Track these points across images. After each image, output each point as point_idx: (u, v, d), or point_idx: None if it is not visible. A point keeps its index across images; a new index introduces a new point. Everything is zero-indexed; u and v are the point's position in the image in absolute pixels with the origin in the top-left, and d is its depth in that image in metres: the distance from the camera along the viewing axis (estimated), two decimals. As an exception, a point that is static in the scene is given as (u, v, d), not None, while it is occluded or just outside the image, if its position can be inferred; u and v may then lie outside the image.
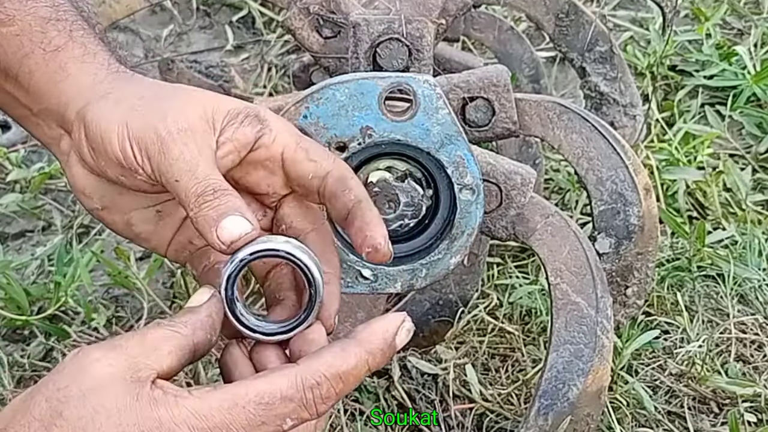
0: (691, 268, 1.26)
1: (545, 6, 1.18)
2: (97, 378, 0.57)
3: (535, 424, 0.87)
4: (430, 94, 0.78)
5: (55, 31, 0.74)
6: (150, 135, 0.67)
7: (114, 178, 0.70)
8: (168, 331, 0.61)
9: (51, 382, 0.58)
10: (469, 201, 0.81)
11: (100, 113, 0.69)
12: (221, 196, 0.65)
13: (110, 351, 0.59)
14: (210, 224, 0.64)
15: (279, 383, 0.59)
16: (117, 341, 0.60)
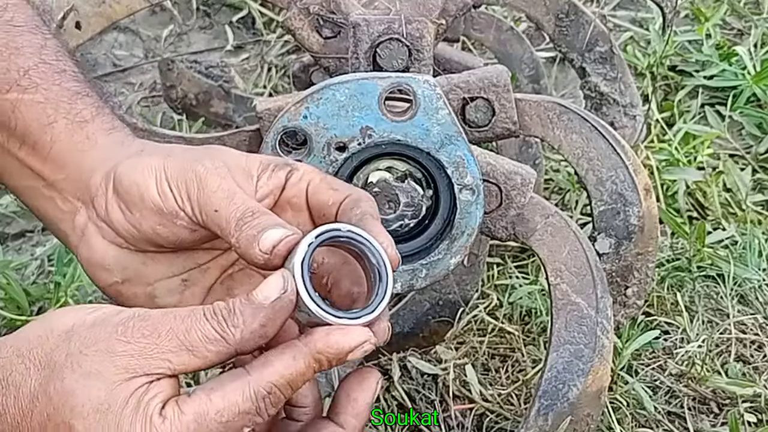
0: (691, 269, 1.26)
1: (545, 6, 1.18)
2: (109, 365, 0.59)
3: (535, 424, 0.87)
4: (430, 94, 0.78)
5: (83, 105, 0.76)
6: (189, 174, 0.68)
7: (149, 232, 0.69)
8: (216, 334, 0.61)
9: (83, 336, 0.61)
10: (469, 201, 0.81)
11: (133, 165, 0.70)
12: (260, 215, 0.66)
13: (145, 337, 0.60)
14: (251, 241, 0.64)
15: (235, 398, 0.60)
16: (162, 325, 0.61)
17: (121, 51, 1.90)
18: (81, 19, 1.07)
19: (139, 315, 0.62)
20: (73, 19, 1.06)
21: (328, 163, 0.80)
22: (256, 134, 0.92)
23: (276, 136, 0.79)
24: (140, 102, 1.76)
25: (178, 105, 1.59)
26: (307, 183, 0.71)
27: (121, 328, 0.61)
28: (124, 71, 1.85)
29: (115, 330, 0.61)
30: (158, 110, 1.72)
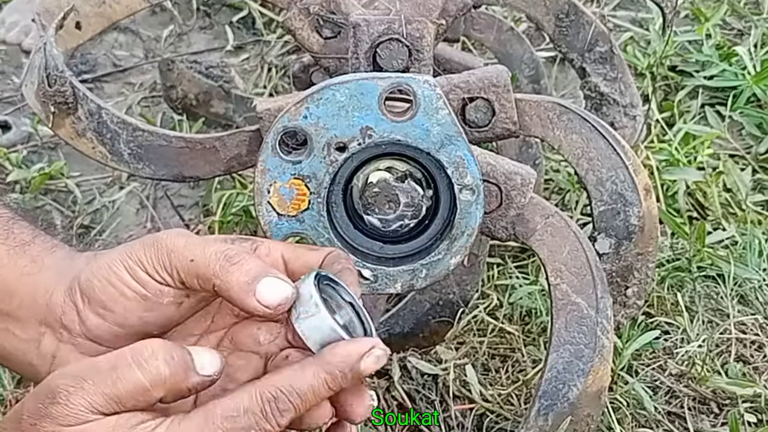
0: (691, 269, 1.26)
1: (545, 6, 1.18)
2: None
3: (535, 424, 0.87)
4: (430, 94, 0.78)
5: (19, 229, 0.74)
6: (154, 247, 0.68)
7: (137, 323, 0.68)
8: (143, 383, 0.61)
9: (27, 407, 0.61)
10: (469, 201, 0.81)
11: (96, 269, 0.69)
12: (246, 259, 0.66)
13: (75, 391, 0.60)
14: (245, 289, 0.65)
15: (241, 398, 0.62)
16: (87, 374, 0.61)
17: (121, 51, 1.90)
18: (81, 19, 1.07)
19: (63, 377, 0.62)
20: (73, 19, 1.06)
21: (328, 163, 0.80)
22: (256, 134, 0.92)
23: (276, 136, 0.79)
24: (140, 102, 1.76)
25: (178, 105, 1.59)
26: (279, 252, 0.72)
27: None
28: (124, 71, 1.85)
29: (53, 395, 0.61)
30: (158, 110, 1.72)
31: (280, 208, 0.81)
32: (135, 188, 1.53)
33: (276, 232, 0.82)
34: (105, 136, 0.94)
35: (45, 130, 1.62)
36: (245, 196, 1.37)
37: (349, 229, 0.84)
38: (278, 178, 0.80)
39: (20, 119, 1.71)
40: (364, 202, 0.83)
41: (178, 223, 1.47)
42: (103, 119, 0.94)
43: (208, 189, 1.46)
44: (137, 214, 1.51)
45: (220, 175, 0.96)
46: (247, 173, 1.39)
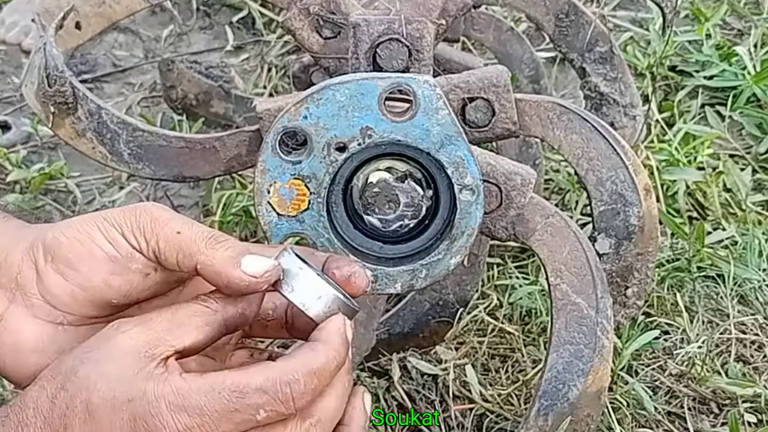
0: (690, 269, 1.26)
1: (545, 6, 1.18)
2: (116, 347, 0.62)
3: (535, 424, 0.87)
4: (430, 94, 0.78)
5: None
6: (135, 213, 0.69)
7: (100, 285, 0.68)
8: (198, 306, 0.65)
9: (84, 344, 0.64)
10: (469, 201, 0.81)
11: (65, 227, 0.69)
12: (230, 239, 0.68)
13: (138, 324, 0.64)
14: (230, 263, 0.66)
15: (254, 376, 0.62)
16: (151, 315, 0.65)
17: (121, 51, 1.90)
18: (81, 19, 1.07)
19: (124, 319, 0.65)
20: (73, 19, 1.06)
21: (328, 163, 0.80)
22: (256, 134, 0.92)
23: (276, 136, 0.79)
24: (140, 102, 1.76)
25: (178, 105, 1.59)
26: None
27: (119, 327, 0.64)
28: (124, 71, 1.86)
29: (116, 333, 0.64)
30: (158, 110, 1.72)
31: (280, 208, 0.81)
32: (135, 188, 1.53)
33: (276, 233, 0.82)
34: (105, 136, 0.94)
35: (45, 130, 1.62)
36: (245, 196, 1.37)
37: (349, 229, 0.84)
38: (278, 178, 0.80)
39: (20, 119, 1.71)
40: (364, 202, 0.83)
41: (178, 223, 1.47)
42: (103, 119, 0.94)
43: (208, 189, 1.46)
44: (137, 214, 1.51)
45: (220, 175, 0.96)
46: (247, 173, 1.39)
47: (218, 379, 0.62)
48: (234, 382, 0.61)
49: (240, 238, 1.37)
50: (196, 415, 0.61)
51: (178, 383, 0.61)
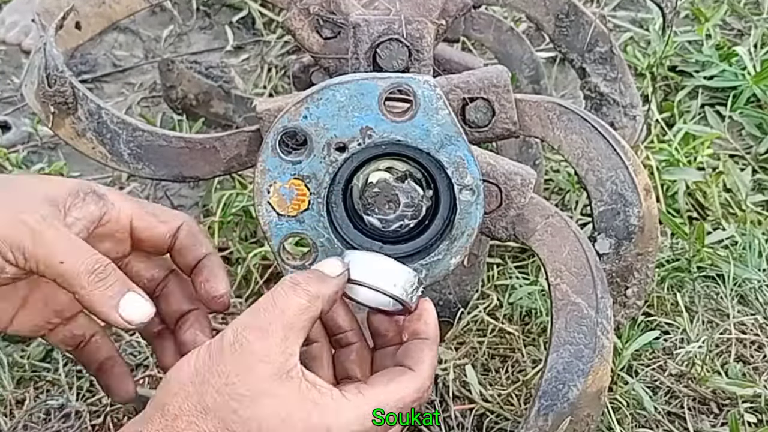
0: (690, 269, 1.26)
1: (545, 6, 1.18)
2: (259, 378, 0.65)
3: (535, 424, 0.87)
4: (430, 94, 0.78)
5: None
6: (19, 228, 0.70)
7: None
8: (304, 302, 0.69)
9: (216, 373, 0.66)
10: (469, 201, 0.81)
11: None
12: (112, 273, 0.72)
13: (260, 341, 0.66)
14: (109, 304, 0.71)
15: (410, 388, 0.71)
16: (261, 322, 0.67)
17: (121, 51, 1.90)
18: (81, 19, 1.07)
19: (239, 330, 0.68)
20: (73, 19, 1.06)
21: (328, 163, 0.80)
22: (256, 134, 0.92)
23: (276, 136, 0.79)
24: (140, 102, 1.76)
25: (178, 105, 1.59)
26: (128, 218, 0.78)
27: (237, 345, 0.67)
28: (124, 71, 1.85)
29: (233, 350, 0.66)
30: (158, 110, 1.72)
31: (279, 208, 0.81)
32: (135, 188, 1.53)
33: (276, 233, 0.82)
34: (105, 136, 0.94)
35: (45, 130, 1.62)
36: (245, 196, 1.37)
37: (349, 230, 0.84)
38: (278, 178, 0.80)
39: (20, 119, 1.71)
40: (364, 203, 0.83)
41: (178, 223, 1.47)
42: (103, 119, 0.94)
43: (208, 189, 1.46)
44: (137, 214, 1.51)
45: (220, 175, 0.96)
46: (247, 173, 1.39)
47: (383, 399, 0.69)
48: (398, 400, 0.69)
49: (240, 238, 1.37)
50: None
51: (352, 411, 0.67)
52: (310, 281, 0.71)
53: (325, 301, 0.71)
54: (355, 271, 0.76)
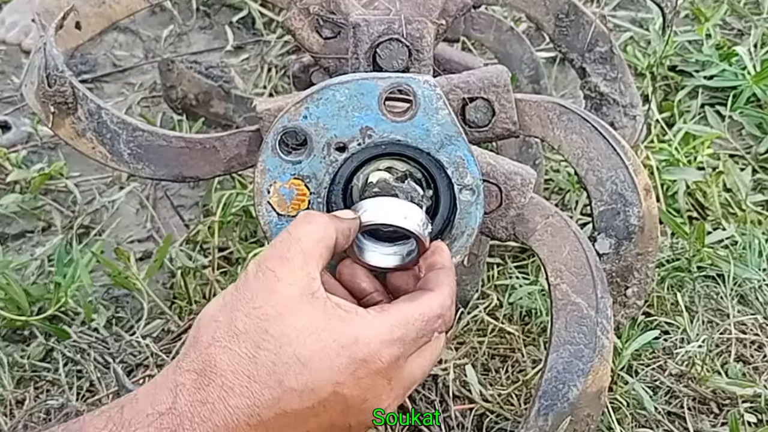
0: (691, 269, 1.26)
1: (545, 6, 1.18)
2: (285, 298, 0.68)
3: (535, 424, 0.87)
4: (430, 94, 0.78)
5: None
6: None
7: None
8: (319, 230, 0.72)
9: (242, 299, 0.69)
10: (469, 201, 0.81)
11: None
12: None
13: (282, 267, 0.69)
14: None
15: (432, 305, 0.73)
16: (280, 251, 0.70)
17: (121, 51, 1.90)
18: (81, 19, 1.07)
19: (261, 262, 0.71)
20: (73, 19, 1.06)
21: (328, 163, 0.80)
22: (256, 134, 0.92)
23: (276, 136, 0.79)
24: (140, 102, 1.76)
25: (178, 105, 1.59)
26: None
27: (260, 274, 0.70)
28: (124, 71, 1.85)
29: (257, 278, 0.70)
30: (158, 110, 1.72)
31: (280, 208, 0.81)
32: (135, 188, 1.53)
33: (276, 232, 0.82)
34: (105, 136, 0.94)
35: (45, 130, 1.62)
36: (245, 196, 1.37)
37: (349, 229, 0.84)
38: (278, 178, 0.80)
39: (20, 119, 1.71)
40: (364, 202, 0.83)
41: (178, 223, 1.47)
42: (103, 119, 0.94)
43: (208, 189, 1.46)
44: (137, 214, 1.51)
45: (220, 175, 0.96)
46: (247, 173, 1.39)
47: (408, 312, 0.72)
48: (422, 313, 0.72)
49: (240, 238, 1.37)
50: (401, 344, 0.70)
51: (379, 323, 0.70)
52: (323, 214, 0.74)
53: (339, 232, 0.74)
54: (366, 215, 0.77)
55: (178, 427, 0.65)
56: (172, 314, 1.26)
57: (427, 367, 0.74)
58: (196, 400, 0.66)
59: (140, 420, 0.65)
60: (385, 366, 0.69)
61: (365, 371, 0.68)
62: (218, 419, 0.65)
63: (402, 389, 0.72)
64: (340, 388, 0.68)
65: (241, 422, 0.66)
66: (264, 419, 0.66)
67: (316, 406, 0.67)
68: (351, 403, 0.69)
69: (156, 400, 0.66)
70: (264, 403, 0.66)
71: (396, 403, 0.72)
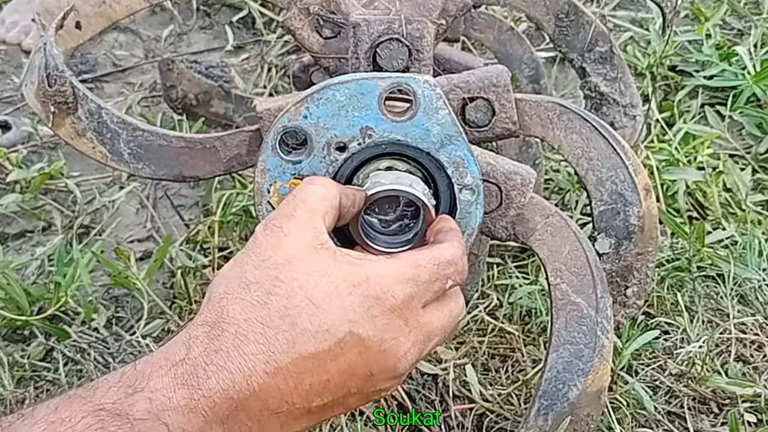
0: (691, 269, 1.26)
1: (545, 6, 1.18)
2: (294, 249, 0.69)
3: (535, 424, 0.87)
4: (430, 94, 0.78)
5: None
6: None
7: None
8: (322, 190, 0.73)
9: (251, 254, 0.69)
10: (469, 201, 0.81)
11: None
12: None
13: (288, 223, 0.70)
14: None
15: (443, 252, 0.73)
16: (286, 212, 0.71)
17: (121, 51, 1.90)
18: (81, 19, 1.07)
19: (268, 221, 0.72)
20: (73, 19, 1.06)
21: (328, 163, 0.80)
22: (256, 134, 0.92)
23: (276, 136, 0.79)
24: (140, 102, 1.76)
25: (178, 105, 1.59)
26: None
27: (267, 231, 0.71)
28: (124, 71, 1.86)
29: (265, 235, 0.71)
30: (158, 110, 1.72)
31: (280, 207, 0.81)
32: (135, 188, 1.53)
33: (276, 232, 0.82)
34: (105, 135, 0.94)
35: (45, 130, 1.62)
36: (245, 196, 1.37)
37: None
38: (278, 177, 0.80)
39: (20, 119, 1.71)
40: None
41: (178, 222, 1.47)
42: (103, 119, 0.94)
43: (208, 189, 1.46)
44: (137, 214, 1.51)
45: (220, 174, 0.96)
46: (247, 173, 1.39)
47: (419, 255, 0.72)
48: (433, 257, 0.72)
49: (240, 237, 1.37)
50: (414, 284, 0.70)
51: (389, 263, 0.70)
52: (326, 178, 0.76)
53: (343, 194, 0.74)
54: (373, 188, 0.77)
55: (192, 375, 0.64)
56: (172, 314, 1.26)
57: (446, 322, 0.73)
58: (210, 349, 0.65)
59: (154, 371, 0.64)
60: (399, 303, 0.69)
61: (379, 309, 0.68)
62: (233, 366, 0.64)
63: (421, 335, 0.71)
64: (355, 327, 0.67)
65: (258, 369, 0.65)
66: (281, 365, 0.65)
67: (333, 348, 0.66)
68: (368, 343, 0.67)
69: (170, 352, 0.65)
70: (279, 348, 0.65)
71: (415, 353, 0.71)
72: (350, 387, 0.68)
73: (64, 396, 0.63)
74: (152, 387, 0.63)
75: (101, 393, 0.63)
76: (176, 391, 0.63)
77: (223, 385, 0.64)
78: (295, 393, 0.66)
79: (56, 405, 0.62)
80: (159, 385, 0.63)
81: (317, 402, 0.67)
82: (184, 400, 0.63)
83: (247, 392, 0.64)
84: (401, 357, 0.69)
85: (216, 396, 0.64)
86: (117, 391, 0.63)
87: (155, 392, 0.63)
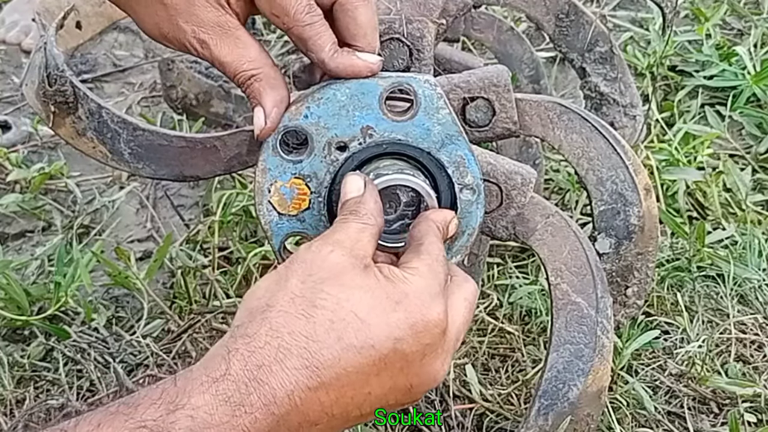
0: (691, 269, 1.26)
1: (545, 6, 1.18)
2: (336, 267, 0.68)
3: (535, 424, 0.87)
4: (431, 94, 0.78)
5: None
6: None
7: None
8: (359, 224, 0.72)
9: (296, 270, 0.69)
10: (470, 201, 0.81)
11: None
12: None
13: (329, 245, 0.70)
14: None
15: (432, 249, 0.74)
16: (329, 239, 0.71)
17: (121, 51, 1.91)
18: (81, 19, 1.07)
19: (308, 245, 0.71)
20: (73, 19, 1.06)
21: (328, 162, 0.80)
22: (257, 134, 0.92)
23: (277, 135, 0.79)
24: (140, 102, 1.76)
25: (178, 105, 1.59)
26: None
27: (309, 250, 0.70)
28: (124, 71, 1.86)
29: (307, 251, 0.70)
30: (158, 110, 1.72)
31: (280, 207, 0.81)
32: (135, 188, 1.53)
33: (276, 232, 0.82)
34: (105, 135, 0.94)
35: (45, 130, 1.62)
36: (245, 195, 1.37)
37: (349, 229, 0.84)
38: (279, 177, 0.80)
39: (20, 119, 1.71)
40: (365, 202, 0.83)
41: (178, 222, 1.47)
42: (104, 119, 0.94)
43: (208, 189, 1.46)
44: (137, 213, 1.51)
45: (220, 174, 0.96)
46: (247, 173, 1.39)
47: (431, 264, 0.72)
48: (433, 258, 0.72)
49: (240, 237, 1.37)
50: (443, 295, 0.71)
51: (419, 279, 0.70)
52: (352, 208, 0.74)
53: (376, 215, 0.74)
54: (377, 180, 0.77)
55: (234, 392, 0.63)
56: (172, 314, 1.26)
57: (467, 315, 0.74)
58: (252, 363, 0.64)
59: (195, 388, 0.63)
60: (441, 318, 0.69)
61: (423, 325, 0.68)
62: (275, 382, 0.63)
63: (452, 340, 0.72)
64: (400, 344, 0.67)
65: (300, 384, 0.64)
66: (324, 381, 0.64)
67: (377, 363, 0.66)
68: (411, 359, 0.68)
69: (210, 368, 0.64)
70: (324, 363, 0.64)
71: (449, 359, 0.72)
72: (389, 399, 0.69)
73: (106, 412, 0.63)
74: (193, 404, 0.62)
75: (143, 410, 0.62)
76: (218, 408, 0.63)
77: (265, 401, 0.63)
78: (335, 405, 0.66)
79: (98, 421, 0.62)
80: (200, 402, 0.62)
81: (355, 413, 0.68)
82: (225, 417, 0.62)
83: (289, 407, 0.64)
84: (440, 368, 0.70)
85: (258, 412, 0.63)
86: (158, 408, 0.62)
87: (197, 410, 0.62)
